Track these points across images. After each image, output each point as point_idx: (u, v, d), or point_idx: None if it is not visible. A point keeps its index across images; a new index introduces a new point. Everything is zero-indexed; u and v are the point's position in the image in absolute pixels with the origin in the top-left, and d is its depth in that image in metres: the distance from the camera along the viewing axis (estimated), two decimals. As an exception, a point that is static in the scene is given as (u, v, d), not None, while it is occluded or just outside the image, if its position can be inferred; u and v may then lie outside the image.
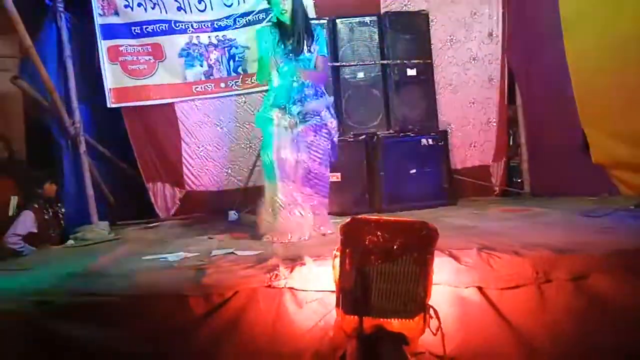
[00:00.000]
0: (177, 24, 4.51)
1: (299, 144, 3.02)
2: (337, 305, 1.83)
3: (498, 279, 2.03)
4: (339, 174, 4.01)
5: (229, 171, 4.69)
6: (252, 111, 4.64)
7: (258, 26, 4.06)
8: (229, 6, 4.52)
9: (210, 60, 4.57)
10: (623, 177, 3.73)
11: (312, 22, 3.26)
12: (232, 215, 4.26)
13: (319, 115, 3.08)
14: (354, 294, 1.77)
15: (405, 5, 4.58)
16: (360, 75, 4.25)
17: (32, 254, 3.33)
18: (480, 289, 2.03)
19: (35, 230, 3.59)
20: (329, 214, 3.81)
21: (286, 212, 2.95)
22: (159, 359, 1.93)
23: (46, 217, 3.69)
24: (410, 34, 4.32)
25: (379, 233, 1.74)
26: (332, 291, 1.91)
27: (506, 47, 4.68)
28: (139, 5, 4.43)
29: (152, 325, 1.95)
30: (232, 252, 2.59)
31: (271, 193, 3.01)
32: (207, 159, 4.69)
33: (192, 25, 4.52)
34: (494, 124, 4.75)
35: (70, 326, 1.91)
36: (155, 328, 1.94)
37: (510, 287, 2.03)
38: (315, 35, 3.10)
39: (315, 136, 3.06)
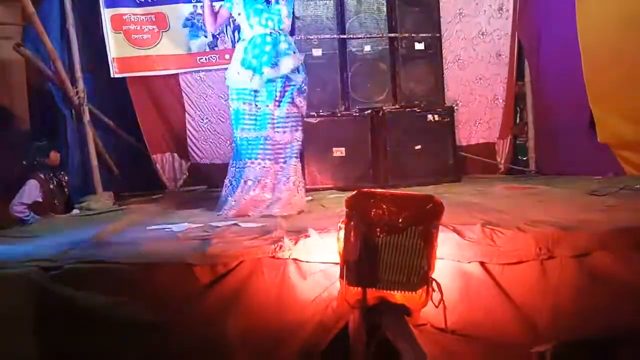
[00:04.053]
0: (181, -7, 4.43)
1: (271, 121, 2.99)
2: (341, 276, 1.85)
3: (501, 255, 2.04)
4: (343, 149, 4.01)
5: (233, 144, 4.67)
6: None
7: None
8: (235, -25, 4.44)
9: (215, 30, 4.50)
10: (629, 158, 3.72)
11: None
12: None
13: (293, 80, 3.01)
14: (358, 266, 1.78)
15: (414, -24, 4.49)
16: (367, 48, 4.19)
17: (38, 223, 3.36)
18: (482, 264, 2.03)
19: (41, 199, 3.61)
20: (334, 188, 3.83)
21: (250, 190, 2.96)
22: (164, 326, 1.95)
23: (51, 186, 3.71)
24: (419, 6, 4.24)
25: (384, 206, 1.74)
26: (336, 263, 1.93)
27: (517, 22, 4.59)
28: (143, -28, 4.35)
29: (157, 293, 1.97)
30: (236, 224, 2.61)
31: (238, 171, 3.03)
32: (210, 132, 4.68)
33: (196, -6, 4.45)
34: (501, 101, 4.71)
35: (76, 292, 1.93)
36: (160, 296, 1.96)
37: (512, 263, 2.03)
38: None
39: (289, 106, 3.02)
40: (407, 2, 4.21)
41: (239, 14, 3.03)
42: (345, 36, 4.15)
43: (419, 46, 4.21)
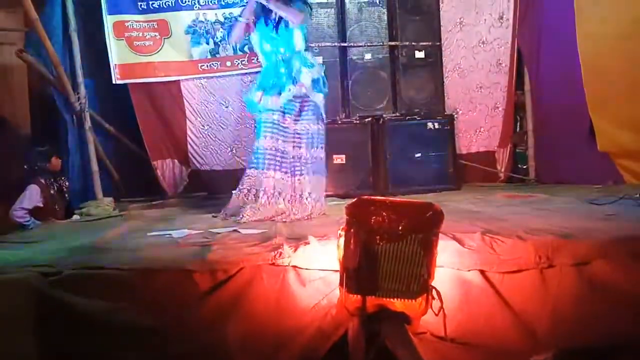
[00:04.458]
0: (184, 0, 4.46)
1: (290, 135, 3.05)
2: (341, 284, 1.85)
3: (501, 263, 2.03)
4: (343, 156, 4.02)
5: (234, 151, 4.70)
6: (258, 90, 4.63)
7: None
8: (236, -17, 4.49)
9: (217, 38, 4.53)
10: (628, 166, 3.73)
11: None
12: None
13: (309, 98, 3.07)
14: (357, 274, 1.78)
15: (415, -15, 4.52)
16: (368, 56, 4.22)
17: (38, 228, 3.36)
18: (482, 272, 2.03)
19: (41, 205, 3.62)
20: (334, 195, 3.83)
21: (268, 200, 3.01)
22: (164, 332, 1.95)
23: (52, 191, 3.72)
24: (419, 15, 4.27)
25: (384, 213, 1.75)
26: (336, 270, 1.93)
27: (517, 31, 4.62)
28: (145, -21, 4.39)
29: (157, 299, 1.96)
30: (236, 230, 2.61)
31: (255, 180, 3.06)
32: (211, 139, 4.68)
33: (198, 2, 4.48)
34: (501, 110, 4.72)
35: (76, 298, 1.93)
36: (160, 302, 1.96)
37: (512, 271, 2.02)
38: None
39: (309, 123, 3.08)
40: (408, 11, 4.24)
41: (255, 41, 3.15)
42: (345, 44, 4.18)
43: (420, 55, 4.24)
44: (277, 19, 3.05)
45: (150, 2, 4.42)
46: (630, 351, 1.94)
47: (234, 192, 3.14)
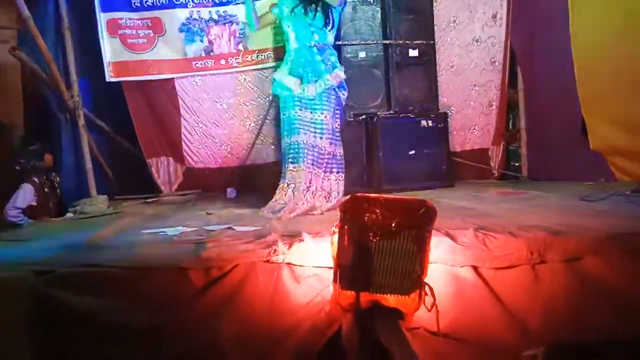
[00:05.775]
0: (178, -2, 4.46)
1: (316, 128, 3.13)
2: (335, 280, 1.86)
3: (493, 259, 2.06)
4: (338, 154, 4.02)
5: (228, 149, 4.69)
6: (252, 88, 4.63)
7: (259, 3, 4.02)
8: (231, -19, 4.48)
9: (211, 36, 4.53)
10: (620, 164, 3.76)
11: None
12: (231, 192, 4.29)
13: (335, 91, 3.17)
14: (351, 270, 1.80)
15: (409, -16, 4.53)
16: (362, 55, 4.22)
17: (31, 226, 3.35)
18: (475, 268, 2.05)
19: (35, 203, 3.61)
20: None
21: (304, 194, 3.08)
22: (158, 330, 1.95)
23: (46, 189, 3.71)
24: (413, 14, 4.27)
25: (377, 210, 1.76)
26: (330, 267, 1.94)
27: (510, 30, 4.64)
28: (139, -23, 4.37)
29: (152, 297, 1.97)
30: (230, 227, 2.62)
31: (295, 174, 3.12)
32: (206, 136, 4.68)
33: (192, 0, 4.47)
34: (495, 108, 4.75)
35: (70, 296, 1.93)
36: (155, 300, 1.97)
37: (504, 267, 2.05)
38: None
39: (332, 117, 3.17)
40: (401, 10, 4.24)
41: (288, 27, 3.20)
42: (340, 43, 4.17)
43: (413, 53, 4.25)
44: (315, 8, 3.13)
45: (144, 0, 4.40)
46: (620, 347, 1.97)
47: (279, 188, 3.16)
